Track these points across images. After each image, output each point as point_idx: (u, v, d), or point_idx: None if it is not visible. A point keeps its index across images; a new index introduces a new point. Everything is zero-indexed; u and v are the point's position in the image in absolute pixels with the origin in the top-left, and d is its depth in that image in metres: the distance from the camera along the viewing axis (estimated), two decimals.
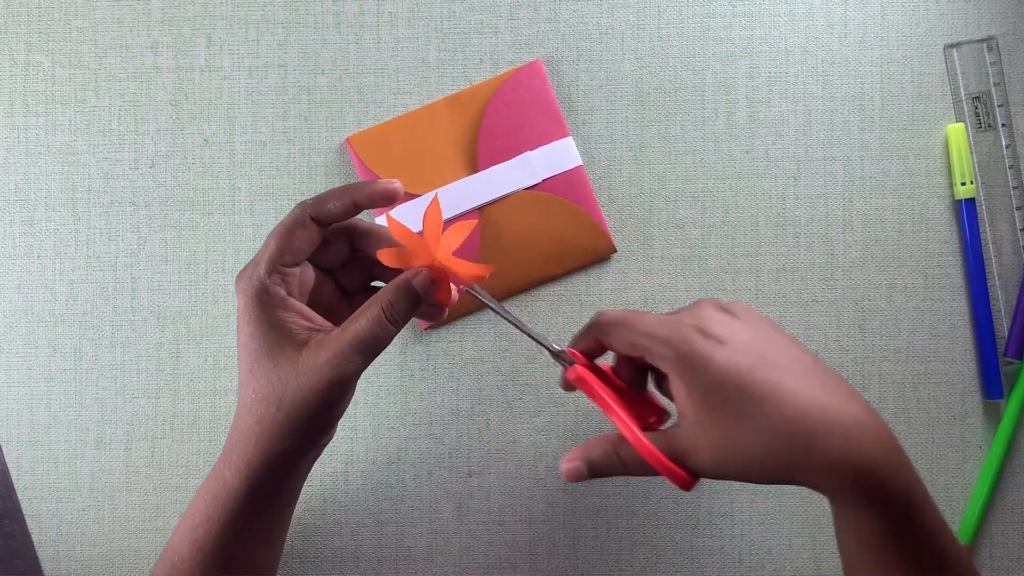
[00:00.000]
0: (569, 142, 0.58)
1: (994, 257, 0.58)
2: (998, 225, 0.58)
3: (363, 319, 0.44)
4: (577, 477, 0.46)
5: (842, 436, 0.41)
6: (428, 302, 0.46)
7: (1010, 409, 0.57)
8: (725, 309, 0.45)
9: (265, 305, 0.45)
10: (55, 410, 0.57)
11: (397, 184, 0.46)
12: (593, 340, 0.47)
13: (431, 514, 0.57)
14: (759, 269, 0.58)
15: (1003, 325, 0.58)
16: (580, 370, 0.46)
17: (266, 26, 0.58)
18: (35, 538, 0.57)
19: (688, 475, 0.43)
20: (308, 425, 0.45)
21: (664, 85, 0.59)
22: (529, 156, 0.57)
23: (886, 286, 0.58)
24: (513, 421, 0.58)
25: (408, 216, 0.57)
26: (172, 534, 0.48)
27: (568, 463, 0.46)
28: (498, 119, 0.57)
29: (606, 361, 0.48)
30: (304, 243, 0.46)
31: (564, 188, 0.57)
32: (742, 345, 0.43)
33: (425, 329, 0.58)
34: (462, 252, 0.57)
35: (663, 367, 0.44)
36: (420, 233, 0.45)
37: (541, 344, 0.47)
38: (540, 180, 0.57)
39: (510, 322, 0.47)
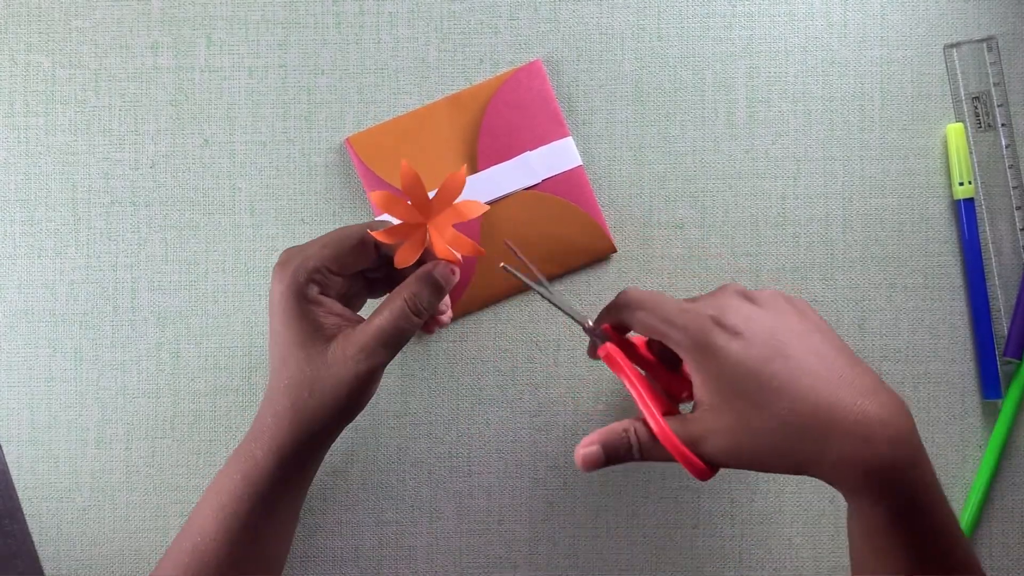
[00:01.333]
0: (569, 142, 0.58)
1: (994, 257, 0.58)
2: (998, 225, 0.58)
3: (386, 312, 0.47)
4: (595, 463, 0.46)
5: (851, 434, 0.41)
6: (449, 290, 0.48)
7: (1006, 408, 0.57)
8: (748, 297, 0.46)
9: (300, 299, 0.47)
10: (55, 410, 0.58)
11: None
12: (615, 318, 0.48)
13: (431, 514, 0.58)
14: (759, 269, 0.58)
15: (1002, 325, 0.58)
16: (611, 348, 0.47)
17: (266, 26, 0.58)
18: (35, 538, 0.57)
19: (704, 465, 0.44)
20: (337, 412, 0.47)
21: (664, 85, 0.59)
22: (529, 156, 0.57)
23: (886, 286, 0.58)
24: (513, 421, 0.58)
25: None
26: (192, 515, 0.49)
27: (585, 448, 0.46)
28: (498, 119, 0.57)
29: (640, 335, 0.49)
30: (358, 263, 0.48)
31: (564, 188, 0.57)
32: (759, 336, 0.43)
33: (424, 333, 0.58)
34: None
35: (680, 353, 0.45)
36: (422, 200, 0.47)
37: (575, 320, 0.48)
38: (540, 180, 0.57)
39: (544, 296, 0.48)
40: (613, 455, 0.46)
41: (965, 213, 0.58)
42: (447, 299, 0.52)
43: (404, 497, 0.58)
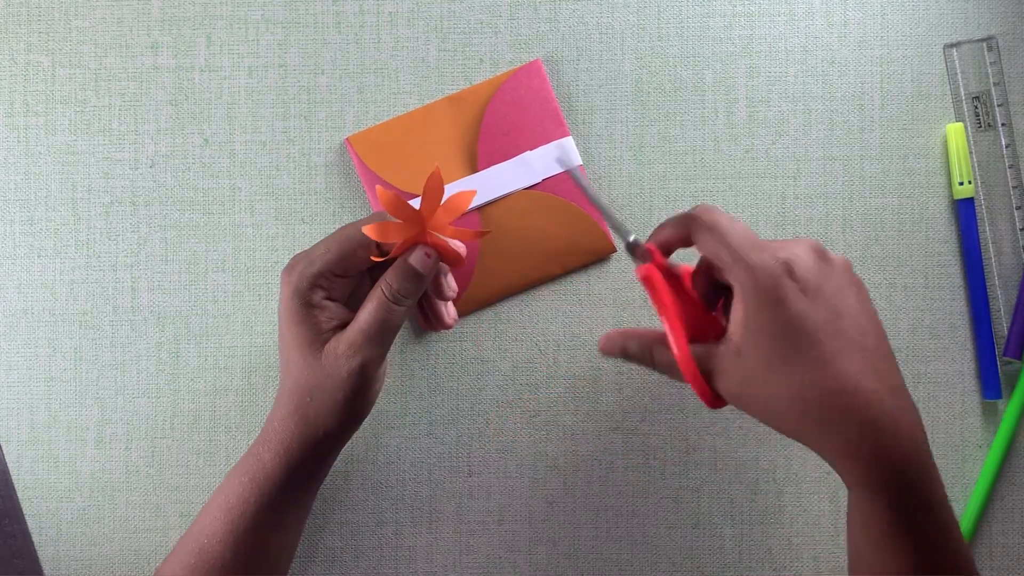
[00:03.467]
0: (569, 142, 0.58)
1: (994, 257, 0.58)
2: (998, 225, 0.58)
3: (369, 306, 0.47)
4: (611, 351, 0.47)
5: (865, 423, 0.41)
6: (430, 276, 0.48)
7: (1010, 410, 0.57)
8: (823, 257, 0.44)
9: (304, 304, 0.47)
10: (55, 410, 0.57)
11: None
12: (684, 230, 0.45)
13: (431, 514, 0.58)
14: None
15: (1002, 325, 0.58)
16: (650, 269, 0.45)
17: (266, 26, 0.58)
18: (35, 538, 0.57)
19: (716, 396, 0.44)
20: (339, 414, 0.47)
21: (664, 85, 0.59)
22: (529, 156, 0.57)
23: (886, 286, 0.58)
24: (513, 421, 0.58)
25: None
26: (198, 517, 0.49)
27: (608, 340, 0.47)
28: (498, 119, 0.57)
29: (688, 264, 0.48)
30: (361, 263, 0.48)
31: (564, 188, 0.57)
32: (822, 300, 0.42)
33: (425, 329, 0.58)
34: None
35: (736, 289, 0.43)
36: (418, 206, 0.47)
37: (619, 233, 0.47)
38: (540, 180, 0.57)
39: (596, 204, 0.47)
40: (629, 355, 0.47)
41: (965, 213, 0.58)
42: (450, 303, 0.51)
43: (404, 497, 0.58)
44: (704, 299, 0.47)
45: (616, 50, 0.59)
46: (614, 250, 0.58)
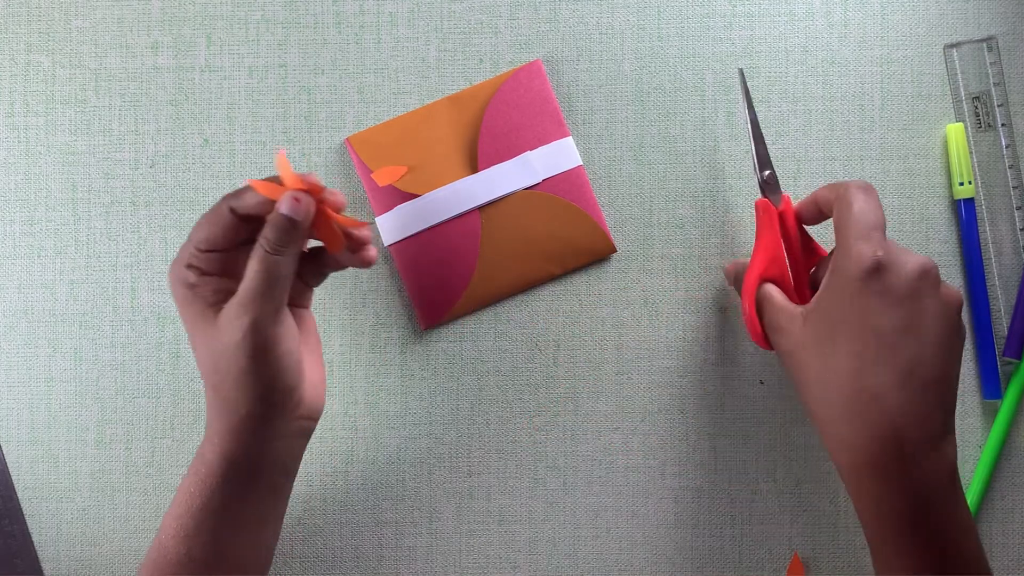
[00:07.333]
0: (569, 142, 0.58)
1: (994, 257, 0.58)
2: (998, 225, 0.58)
3: (251, 263, 0.46)
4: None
5: (874, 426, 0.45)
6: (306, 223, 0.46)
7: (1005, 408, 0.57)
8: (925, 278, 0.46)
9: (183, 283, 0.47)
10: (55, 410, 0.58)
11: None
12: (833, 195, 0.49)
13: (431, 514, 0.58)
14: None
15: (1002, 325, 0.58)
16: (767, 205, 0.53)
17: (266, 26, 0.58)
18: (35, 538, 0.57)
19: (764, 335, 0.51)
20: (248, 382, 0.46)
21: (664, 85, 0.59)
22: (529, 156, 0.57)
23: None
24: (513, 421, 0.58)
25: (408, 217, 0.57)
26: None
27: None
28: (498, 119, 0.57)
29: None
30: (218, 229, 0.47)
31: (564, 188, 0.57)
32: (896, 311, 0.46)
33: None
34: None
35: (830, 265, 0.48)
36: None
37: (756, 161, 0.54)
38: (540, 180, 0.57)
39: (752, 117, 0.55)
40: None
41: (965, 213, 0.58)
42: (366, 232, 0.49)
43: (404, 497, 0.58)
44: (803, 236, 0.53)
45: (616, 50, 0.59)
46: (614, 250, 0.58)
